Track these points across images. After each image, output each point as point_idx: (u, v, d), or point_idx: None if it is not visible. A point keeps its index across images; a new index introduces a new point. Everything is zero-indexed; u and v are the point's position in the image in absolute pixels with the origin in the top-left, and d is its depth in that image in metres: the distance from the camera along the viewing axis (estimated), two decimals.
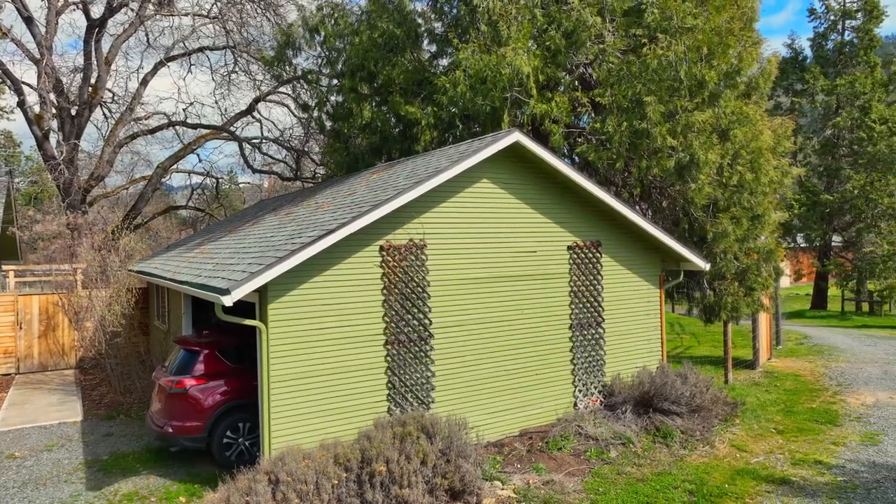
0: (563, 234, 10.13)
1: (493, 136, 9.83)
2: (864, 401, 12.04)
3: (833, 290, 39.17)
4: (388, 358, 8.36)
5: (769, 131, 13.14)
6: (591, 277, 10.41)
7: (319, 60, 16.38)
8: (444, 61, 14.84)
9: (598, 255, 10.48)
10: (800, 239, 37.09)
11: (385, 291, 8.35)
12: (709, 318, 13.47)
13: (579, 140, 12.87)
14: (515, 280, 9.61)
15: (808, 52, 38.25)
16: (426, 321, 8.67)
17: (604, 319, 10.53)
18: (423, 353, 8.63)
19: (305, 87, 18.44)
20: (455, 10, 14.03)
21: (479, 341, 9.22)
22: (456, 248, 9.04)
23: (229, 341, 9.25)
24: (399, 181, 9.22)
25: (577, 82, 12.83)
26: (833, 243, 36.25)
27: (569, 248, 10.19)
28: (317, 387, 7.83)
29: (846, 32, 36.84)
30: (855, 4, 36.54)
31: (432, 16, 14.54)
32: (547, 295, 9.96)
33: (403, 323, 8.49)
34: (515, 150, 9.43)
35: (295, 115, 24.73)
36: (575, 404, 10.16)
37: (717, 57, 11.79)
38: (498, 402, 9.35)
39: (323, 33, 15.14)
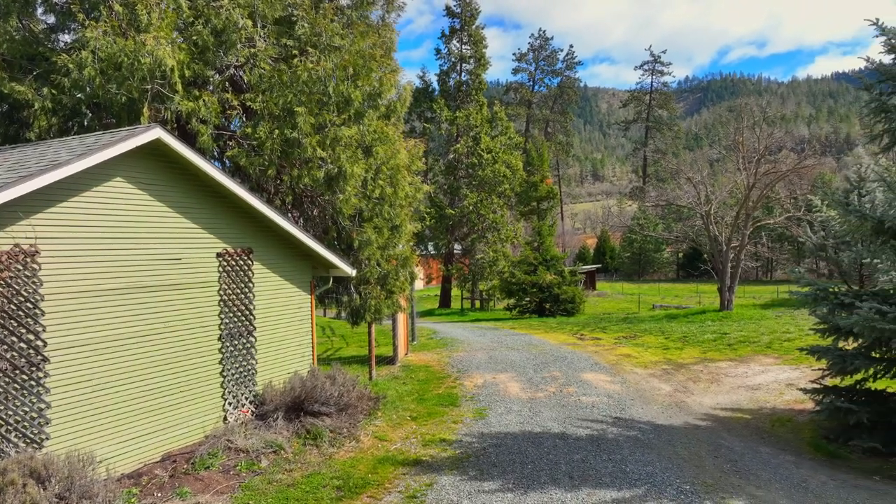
0: (212, 240, 9.64)
1: (129, 130, 8.79)
2: (476, 382, 14.44)
3: (455, 291, 46.23)
4: None
5: (405, 151, 14.80)
6: (243, 285, 10.14)
7: None
8: (68, 37, 12.69)
9: (249, 262, 10.27)
10: (430, 247, 42.84)
11: None
12: (356, 321, 14.45)
13: (231, 144, 12.43)
14: (158, 290, 8.75)
15: (436, 85, 44.49)
16: (38, 343, 7.24)
17: (255, 328, 10.36)
18: (33, 382, 7.18)
19: None
20: None
21: (113, 361, 8.10)
22: (82, 255, 7.79)
23: None
24: None
25: (228, 84, 12.38)
26: (455, 251, 42.79)
27: (218, 255, 9.74)
28: None
29: (463, 74, 43.94)
30: (469, 51, 43.86)
31: None
32: (194, 305, 9.32)
33: (5, 347, 6.93)
34: (157, 149, 8.61)
35: None
36: (225, 418, 9.73)
37: (362, 78, 12.75)
38: (136, 426, 8.35)
39: None
